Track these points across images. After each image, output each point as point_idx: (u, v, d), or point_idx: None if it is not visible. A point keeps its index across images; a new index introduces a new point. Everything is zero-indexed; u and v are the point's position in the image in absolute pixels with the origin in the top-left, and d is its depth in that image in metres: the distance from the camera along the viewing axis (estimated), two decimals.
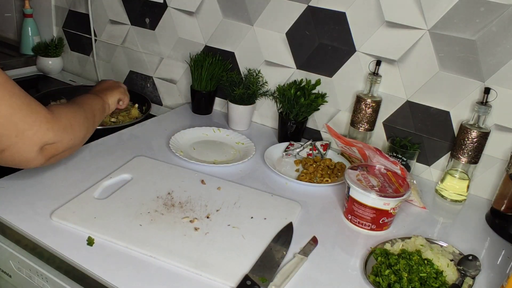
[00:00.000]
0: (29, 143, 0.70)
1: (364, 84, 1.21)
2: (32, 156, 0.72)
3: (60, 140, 0.75)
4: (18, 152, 0.70)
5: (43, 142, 0.72)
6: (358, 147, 1.08)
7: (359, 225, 0.94)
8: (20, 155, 0.71)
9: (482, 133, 1.03)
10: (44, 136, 0.72)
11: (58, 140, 0.75)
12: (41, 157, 0.73)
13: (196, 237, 0.84)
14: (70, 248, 0.79)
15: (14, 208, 0.87)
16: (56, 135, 0.74)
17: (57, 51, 1.73)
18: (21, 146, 0.70)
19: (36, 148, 0.72)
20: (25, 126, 0.69)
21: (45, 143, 0.73)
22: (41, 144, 0.72)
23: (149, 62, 1.59)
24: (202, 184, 1.02)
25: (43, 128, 0.72)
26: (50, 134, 0.73)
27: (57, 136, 0.74)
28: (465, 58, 1.06)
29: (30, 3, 1.72)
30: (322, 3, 1.20)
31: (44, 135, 0.72)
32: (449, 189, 1.10)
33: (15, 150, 0.70)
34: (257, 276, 0.75)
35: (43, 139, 0.72)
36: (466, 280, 0.80)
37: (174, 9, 1.45)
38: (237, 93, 1.31)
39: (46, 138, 0.72)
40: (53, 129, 0.73)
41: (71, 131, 0.78)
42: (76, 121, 0.81)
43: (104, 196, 0.94)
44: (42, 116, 0.72)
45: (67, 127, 0.77)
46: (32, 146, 0.71)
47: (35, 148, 0.71)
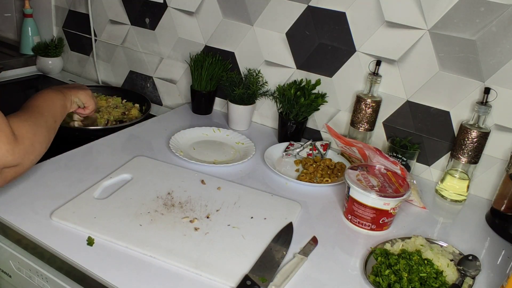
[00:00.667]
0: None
1: (364, 84, 1.21)
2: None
3: (20, 163, 0.71)
4: None
5: (2, 164, 0.68)
6: (358, 147, 1.08)
7: (359, 225, 0.94)
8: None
9: (482, 133, 1.03)
10: (3, 158, 0.67)
11: (18, 163, 0.71)
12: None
13: (196, 237, 0.84)
14: (70, 248, 0.79)
15: (14, 208, 0.87)
16: (17, 159, 0.70)
17: (57, 51, 1.73)
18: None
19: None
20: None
21: (4, 165, 0.68)
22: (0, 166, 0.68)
23: (149, 62, 1.59)
24: (202, 184, 1.02)
25: (3, 149, 0.67)
26: (10, 157, 0.68)
27: (18, 160, 0.70)
28: (465, 58, 1.06)
29: (30, 3, 1.72)
30: (322, 3, 1.20)
31: (3, 157, 0.67)
32: (449, 189, 1.10)
33: None
34: (257, 276, 0.75)
35: (2, 161, 0.67)
36: (466, 280, 0.80)
37: (174, 9, 1.45)
38: (237, 93, 1.31)
39: (6, 161, 0.68)
40: (14, 151, 0.69)
41: (32, 151, 0.73)
42: (38, 138, 0.75)
43: (104, 196, 0.94)
44: (4, 136, 0.67)
45: (29, 149, 0.72)
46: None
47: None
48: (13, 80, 1.66)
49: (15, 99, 1.54)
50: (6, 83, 1.63)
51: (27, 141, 0.72)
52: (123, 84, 1.68)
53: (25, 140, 0.72)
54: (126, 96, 1.50)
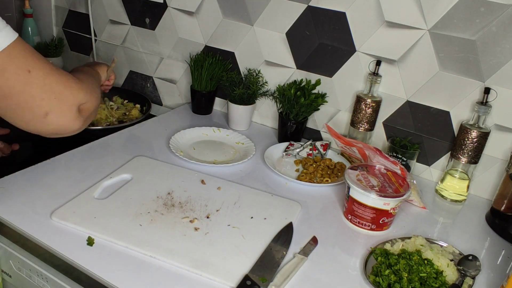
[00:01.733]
0: (68, 103, 0.74)
1: (364, 84, 1.21)
2: (73, 117, 0.75)
3: (89, 99, 0.79)
4: (62, 114, 0.73)
5: (79, 101, 0.76)
6: (358, 147, 1.08)
7: (359, 225, 0.94)
8: (63, 117, 0.73)
9: (482, 133, 1.03)
10: (78, 95, 0.75)
11: (88, 100, 0.78)
12: (80, 118, 0.76)
13: (196, 237, 0.84)
14: (70, 248, 0.79)
15: (14, 208, 0.87)
16: (86, 95, 0.77)
17: (57, 51, 1.73)
18: (63, 107, 0.73)
19: (75, 108, 0.75)
20: (60, 88, 0.72)
21: (80, 102, 0.76)
22: (78, 104, 0.75)
23: (149, 62, 1.59)
24: (202, 184, 1.02)
25: (75, 88, 0.75)
26: (81, 93, 0.76)
27: (87, 95, 0.78)
28: (465, 58, 1.06)
29: (30, 3, 1.72)
30: (322, 3, 1.20)
31: (78, 94, 0.75)
32: (449, 189, 1.10)
33: (59, 112, 0.72)
34: (257, 276, 0.75)
35: (78, 98, 0.75)
36: (466, 280, 0.80)
37: (174, 9, 1.45)
38: (237, 93, 1.31)
39: (80, 97, 0.76)
40: (83, 89, 0.77)
41: (94, 92, 0.82)
42: (92, 84, 0.85)
43: (104, 196, 0.94)
44: (71, 78, 0.76)
45: (90, 88, 0.81)
46: (71, 106, 0.74)
47: (74, 108, 0.74)
48: None
49: None
50: None
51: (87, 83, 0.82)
52: (123, 84, 1.68)
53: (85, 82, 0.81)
54: (126, 96, 1.50)
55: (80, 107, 0.77)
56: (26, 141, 1.17)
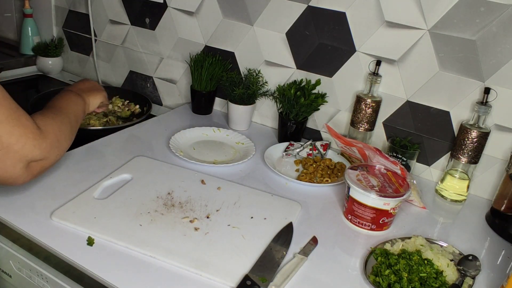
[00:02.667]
0: (14, 157, 0.68)
1: (364, 84, 1.21)
2: (17, 172, 0.69)
3: (47, 157, 0.73)
4: (4, 167, 0.68)
5: (29, 158, 0.70)
6: (358, 147, 1.08)
7: (359, 225, 0.94)
8: (5, 170, 0.68)
9: (482, 133, 1.03)
10: (30, 152, 0.70)
11: (44, 157, 0.73)
12: (26, 174, 0.71)
13: (196, 237, 0.84)
14: (70, 248, 0.79)
15: (15, 208, 0.87)
16: (43, 153, 0.72)
17: (57, 51, 1.73)
18: (6, 161, 0.67)
19: (22, 165, 0.69)
20: (11, 140, 0.67)
21: (31, 159, 0.70)
22: (27, 161, 0.70)
23: (149, 62, 1.59)
24: (202, 184, 1.02)
25: (29, 144, 0.69)
26: (36, 151, 0.70)
27: (44, 154, 0.72)
28: (465, 58, 1.06)
29: (30, 3, 1.72)
30: (322, 3, 1.20)
31: (30, 151, 0.69)
32: (449, 189, 1.10)
33: (1, 165, 0.67)
34: (257, 276, 0.75)
35: (29, 155, 0.70)
36: (466, 280, 0.80)
37: (174, 9, 1.45)
38: (237, 93, 1.31)
39: (33, 154, 0.70)
40: (40, 146, 0.71)
41: (57, 146, 0.76)
42: (63, 134, 0.78)
43: (104, 196, 0.94)
44: (29, 131, 0.69)
45: (54, 143, 0.75)
46: (17, 162, 0.68)
47: (20, 164, 0.69)
48: (13, 80, 1.66)
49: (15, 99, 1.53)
50: (6, 83, 1.62)
51: (53, 136, 0.75)
52: (123, 84, 1.68)
53: (51, 134, 0.74)
54: (127, 96, 1.50)
55: (31, 164, 0.71)
56: None
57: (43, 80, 1.72)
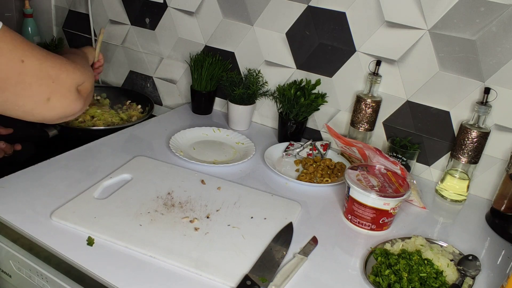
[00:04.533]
0: (67, 85, 0.74)
1: (364, 84, 1.21)
2: (74, 98, 0.75)
3: (86, 79, 0.79)
4: (63, 97, 0.74)
5: (76, 82, 0.76)
6: (358, 147, 1.08)
7: (359, 225, 0.94)
8: (65, 99, 0.74)
9: (482, 133, 1.03)
10: (74, 76, 0.76)
11: (85, 79, 0.78)
12: (80, 98, 0.77)
13: (196, 237, 0.84)
14: (70, 248, 0.79)
15: (14, 208, 0.87)
16: (82, 75, 0.78)
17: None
18: (62, 90, 0.73)
19: (74, 89, 0.75)
20: (56, 72, 0.72)
21: (78, 83, 0.76)
22: (76, 85, 0.76)
23: (149, 62, 1.59)
24: (202, 184, 1.02)
25: (71, 70, 0.75)
26: (77, 74, 0.76)
27: (83, 76, 0.78)
28: (465, 58, 1.06)
29: (30, 3, 1.72)
30: (322, 3, 1.20)
31: (74, 75, 0.75)
32: (449, 189, 1.10)
33: (59, 95, 0.73)
34: (257, 276, 0.75)
35: (75, 79, 0.76)
36: (466, 280, 0.80)
37: (174, 9, 1.45)
38: (237, 93, 1.31)
39: (77, 78, 0.76)
40: (78, 69, 0.77)
41: (88, 71, 0.82)
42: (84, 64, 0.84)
43: (104, 196, 0.94)
44: (64, 60, 0.75)
45: (84, 68, 0.81)
46: (70, 88, 0.74)
47: (73, 89, 0.75)
48: None
49: None
50: None
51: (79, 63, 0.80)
52: (123, 84, 1.68)
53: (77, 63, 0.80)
54: (128, 96, 1.50)
55: (78, 88, 0.77)
56: (28, 141, 1.17)
57: None
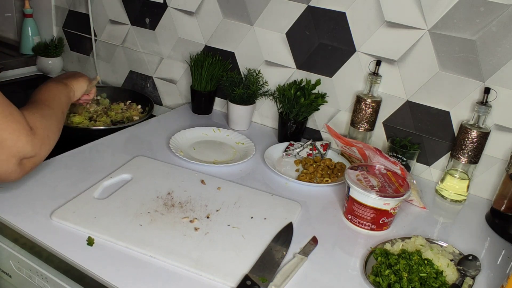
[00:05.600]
0: (8, 153, 0.68)
1: (364, 84, 1.21)
2: (11, 168, 0.70)
3: (38, 153, 0.74)
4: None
5: (22, 154, 0.70)
6: (358, 147, 1.08)
7: (359, 225, 0.94)
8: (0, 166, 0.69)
9: (482, 133, 1.03)
10: (23, 148, 0.70)
11: (36, 154, 0.73)
12: (19, 170, 0.71)
13: (196, 237, 0.84)
14: (70, 248, 0.79)
15: (14, 208, 0.87)
16: (34, 149, 0.72)
17: (57, 51, 1.73)
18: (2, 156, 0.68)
19: (15, 160, 0.70)
20: (4, 135, 0.67)
21: (24, 156, 0.71)
22: (20, 157, 0.70)
23: (149, 62, 1.59)
24: (202, 184, 1.02)
25: (22, 140, 0.70)
26: (29, 147, 0.71)
27: (35, 150, 0.72)
28: (465, 58, 1.06)
29: (30, 3, 1.72)
30: (322, 3, 1.20)
31: (23, 147, 0.70)
32: (449, 189, 1.10)
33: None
34: (257, 276, 0.75)
35: (22, 151, 0.70)
36: (466, 280, 0.80)
37: (174, 9, 1.45)
38: (237, 93, 1.31)
39: (25, 151, 0.70)
40: (32, 142, 0.71)
41: (47, 142, 0.76)
42: (51, 130, 0.78)
43: (104, 196, 0.94)
44: (22, 127, 0.70)
45: (44, 140, 0.75)
46: (11, 157, 0.69)
47: (13, 159, 0.69)
48: (13, 80, 1.66)
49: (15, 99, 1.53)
50: (6, 83, 1.63)
51: (42, 132, 0.75)
52: (123, 84, 1.68)
53: (40, 131, 0.74)
54: (128, 96, 1.50)
55: (23, 161, 0.71)
56: None
57: (43, 80, 1.69)
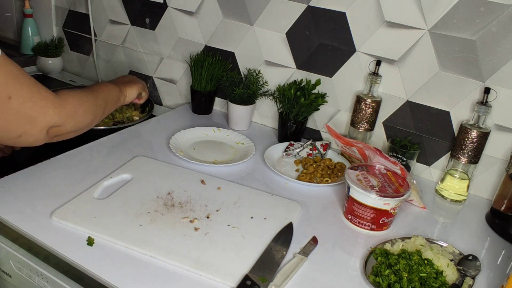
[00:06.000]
0: (39, 127, 0.77)
1: (364, 84, 1.21)
2: (41, 137, 0.79)
3: (64, 123, 0.81)
4: (32, 136, 0.78)
5: (50, 125, 0.79)
6: (358, 147, 1.08)
7: (359, 225, 0.94)
8: (31, 137, 0.78)
9: (482, 133, 1.03)
10: (51, 119, 0.78)
11: (62, 124, 0.81)
12: (46, 137, 0.80)
13: (196, 237, 0.84)
14: (70, 248, 0.79)
15: (14, 208, 0.87)
16: (61, 119, 0.80)
17: (57, 51, 1.73)
18: (33, 131, 0.77)
19: (44, 131, 0.78)
20: (35, 113, 0.76)
21: (52, 125, 0.79)
22: (48, 127, 0.79)
23: (149, 62, 1.59)
24: (202, 184, 1.02)
25: (50, 112, 0.78)
26: (56, 117, 0.79)
27: (62, 120, 0.80)
28: (465, 58, 1.06)
29: (30, 3, 1.72)
30: (322, 3, 1.20)
31: (51, 118, 0.78)
32: (449, 189, 1.10)
33: (30, 135, 0.77)
34: (257, 276, 0.75)
35: (50, 122, 0.78)
36: (466, 280, 0.80)
37: (174, 9, 1.45)
38: (237, 93, 1.31)
39: (53, 121, 0.79)
40: (59, 113, 0.79)
41: (76, 116, 0.84)
42: (83, 107, 0.86)
43: (104, 196, 0.94)
44: (49, 102, 0.78)
45: (72, 113, 0.83)
46: (41, 129, 0.78)
47: (43, 131, 0.78)
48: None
49: None
50: None
51: (71, 106, 0.83)
52: None
53: (69, 105, 0.83)
54: None
55: (51, 130, 0.80)
56: None
57: (43, 80, 1.71)
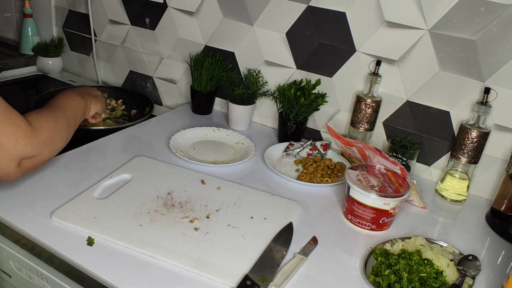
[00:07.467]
0: (7, 156, 0.69)
1: (364, 84, 1.21)
2: (10, 170, 0.71)
3: (39, 153, 0.74)
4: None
5: (21, 156, 0.71)
6: (358, 147, 1.08)
7: (359, 225, 0.94)
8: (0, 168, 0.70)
9: (482, 133, 1.03)
10: (22, 150, 0.71)
11: (37, 154, 0.74)
12: (18, 171, 0.72)
13: (196, 237, 0.84)
14: (70, 248, 0.79)
15: (14, 208, 0.87)
16: (35, 149, 0.73)
17: (57, 51, 1.73)
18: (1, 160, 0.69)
19: (15, 163, 0.71)
20: (3, 139, 0.68)
21: (23, 157, 0.72)
22: (19, 158, 0.71)
23: (149, 62, 1.59)
24: (202, 184, 1.02)
25: (21, 142, 0.71)
26: (29, 148, 0.72)
27: (36, 150, 0.73)
28: (465, 58, 1.06)
29: (30, 3, 1.72)
30: (322, 3, 1.20)
31: (22, 149, 0.71)
32: (449, 189, 1.10)
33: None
34: (257, 276, 0.75)
35: (21, 153, 0.71)
36: (466, 280, 0.80)
37: (174, 9, 1.45)
38: (237, 93, 1.31)
39: (25, 152, 0.71)
40: (32, 143, 0.72)
41: (51, 143, 0.77)
42: (57, 132, 0.79)
43: (104, 196, 0.94)
44: (20, 130, 0.71)
45: (47, 141, 0.76)
46: (10, 160, 0.70)
47: (13, 162, 0.70)
48: (13, 80, 1.66)
49: (15, 99, 1.53)
50: (6, 83, 1.63)
51: (46, 133, 0.76)
52: (123, 84, 1.68)
53: (44, 131, 0.75)
54: (128, 96, 1.50)
55: (23, 161, 0.72)
56: None
57: (43, 80, 1.72)
